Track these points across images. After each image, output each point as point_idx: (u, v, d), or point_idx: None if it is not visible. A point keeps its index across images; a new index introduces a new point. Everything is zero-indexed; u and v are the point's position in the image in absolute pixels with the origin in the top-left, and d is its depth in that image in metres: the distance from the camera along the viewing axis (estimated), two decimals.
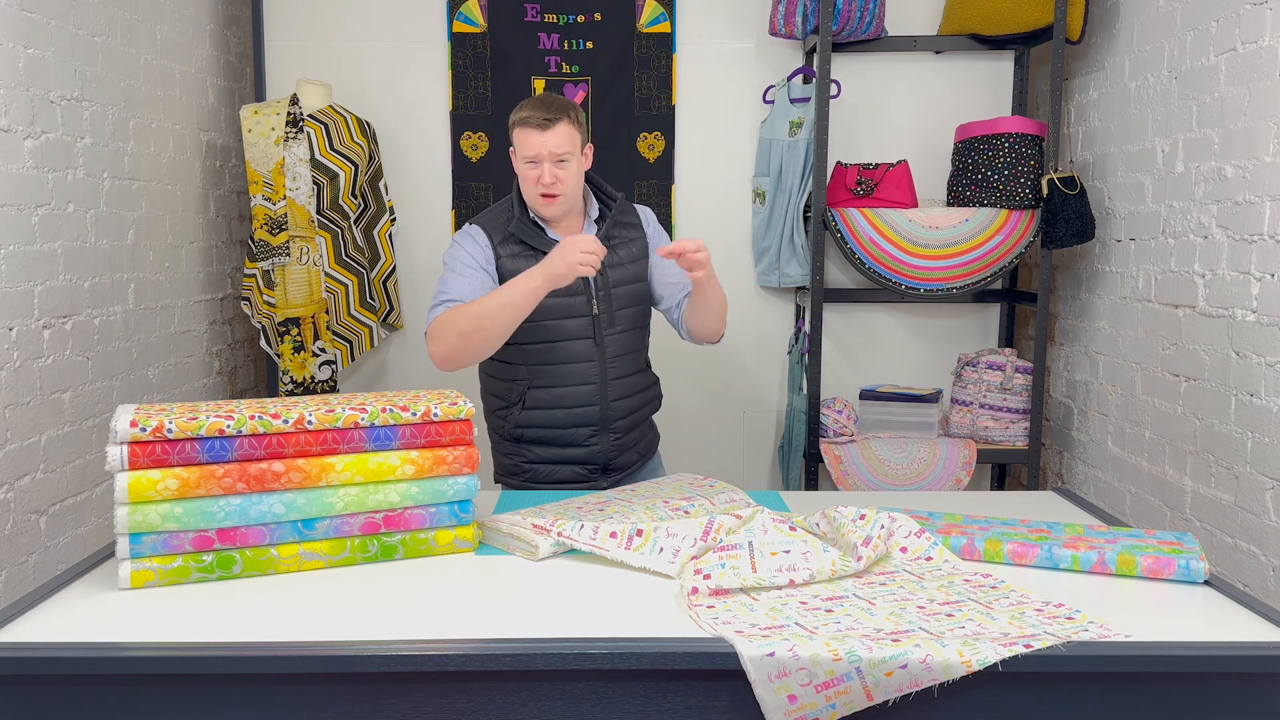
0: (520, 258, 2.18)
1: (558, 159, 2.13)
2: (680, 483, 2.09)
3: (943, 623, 1.38)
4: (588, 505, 1.90)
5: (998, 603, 1.46)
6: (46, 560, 2.38)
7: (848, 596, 1.49)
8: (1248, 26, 2.34)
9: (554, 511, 1.84)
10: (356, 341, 3.36)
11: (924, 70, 3.40)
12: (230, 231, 3.46)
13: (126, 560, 1.51)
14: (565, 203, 2.18)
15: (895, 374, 3.49)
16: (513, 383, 2.26)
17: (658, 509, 1.85)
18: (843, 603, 1.46)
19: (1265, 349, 2.26)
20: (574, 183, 2.17)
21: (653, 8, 3.43)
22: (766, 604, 1.45)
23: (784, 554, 1.57)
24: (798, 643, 1.30)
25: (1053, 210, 2.97)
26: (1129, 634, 1.34)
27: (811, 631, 1.34)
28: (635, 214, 2.34)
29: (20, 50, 2.29)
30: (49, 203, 2.39)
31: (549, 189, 2.14)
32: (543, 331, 2.19)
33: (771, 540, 1.61)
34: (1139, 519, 2.79)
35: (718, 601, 1.46)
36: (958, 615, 1.41)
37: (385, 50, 3.45)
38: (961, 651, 1.28)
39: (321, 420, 1.58)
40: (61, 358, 2.44)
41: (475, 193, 3.50)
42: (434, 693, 1.31)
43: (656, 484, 2.10)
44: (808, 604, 1.45)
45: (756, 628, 1.35)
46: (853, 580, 1.56)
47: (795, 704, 1.28)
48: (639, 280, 2.29)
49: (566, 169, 2.14)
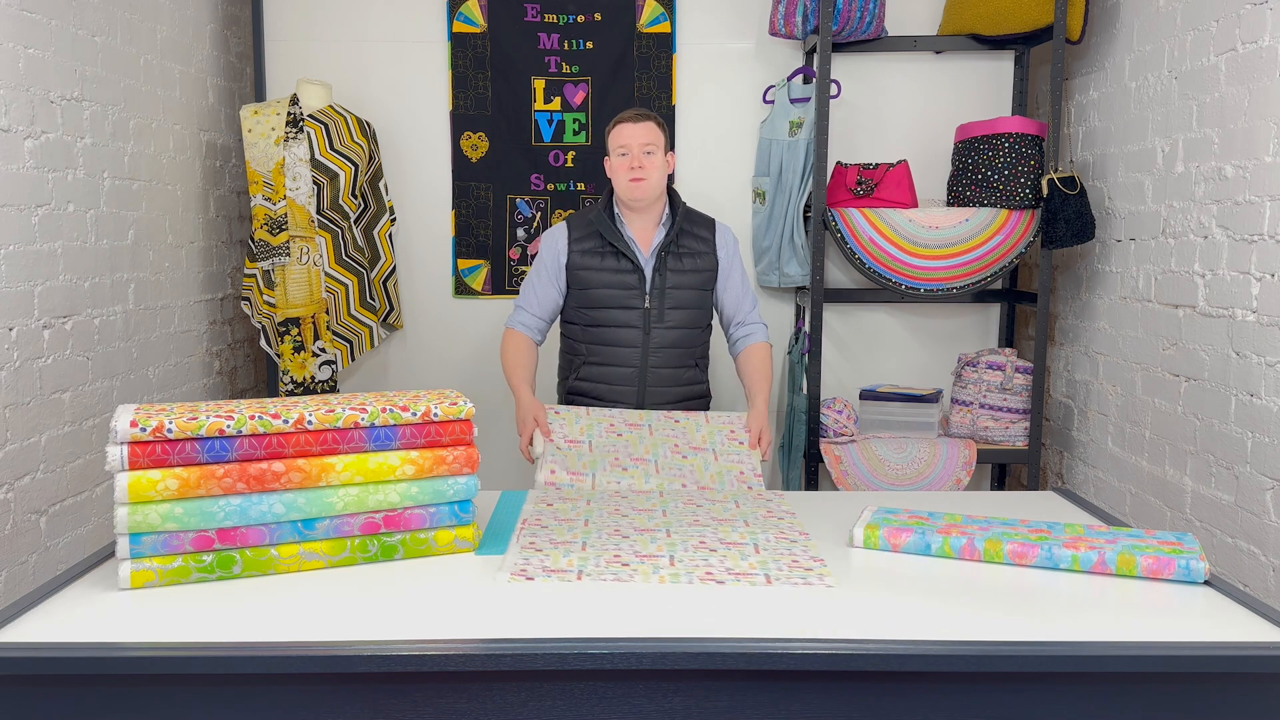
0: (592, 254, 2.57)
1: (645, 148, 2.50)
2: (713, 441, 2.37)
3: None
4: (616, 429, 2.35)
5: (764, 544, 1.72)
6: (46, 560, 2.38)
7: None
8: (1248, 26, 2.34)
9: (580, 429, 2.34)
10: (356, 341, 3.36)
11: (924, 70, 3.40)
12: (230, 231, 3.46)
13: (126, 560, 1.51)
14: (649, 188, 2.53)
15: (895, 374, 3.49)
16: (573, 354, 2.67)
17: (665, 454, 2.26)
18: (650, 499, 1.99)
19: (1265, 349, 2.26)
20: (657, 174, 2.53)
21: (653, 8, 3.43)
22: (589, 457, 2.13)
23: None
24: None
25: (1053, 210, 2.97)
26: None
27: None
28: (710, 229, 2.66)
29: (20, 50, 2.29)
30: (49, 203, 2.39)
31: (636, 172, 2.50)
32: (601, 315, 2.58)
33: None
34: (1139, 519, 2.79)
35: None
36: (688, 459, 2.10)
37: (385, 50, 3.45)
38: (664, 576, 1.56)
39: (321, 420, 1.58)
40: (61, 358, 2.44)
41: (475, 193, 3.50)
42: (434, 693, 1.31)
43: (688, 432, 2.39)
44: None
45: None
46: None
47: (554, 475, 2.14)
48: (697, 289, 2.61)
49: (652, 160, 2.51)
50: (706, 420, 2.41)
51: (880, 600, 1.48)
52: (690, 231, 2.61)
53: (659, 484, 2.17)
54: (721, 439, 2.34)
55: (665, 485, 2.17)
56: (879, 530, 1.72)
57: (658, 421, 2.38)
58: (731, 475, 2.25)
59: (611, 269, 2.56)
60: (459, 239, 3.51)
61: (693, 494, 2.08)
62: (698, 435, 2.34)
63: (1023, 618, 1.42)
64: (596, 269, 2.56)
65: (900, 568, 1.64)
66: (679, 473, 2.22)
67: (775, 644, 1.31)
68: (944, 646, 1.32)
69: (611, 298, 2.56)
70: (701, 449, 2.25)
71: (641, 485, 2.17)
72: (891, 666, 1.30)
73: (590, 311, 2.58)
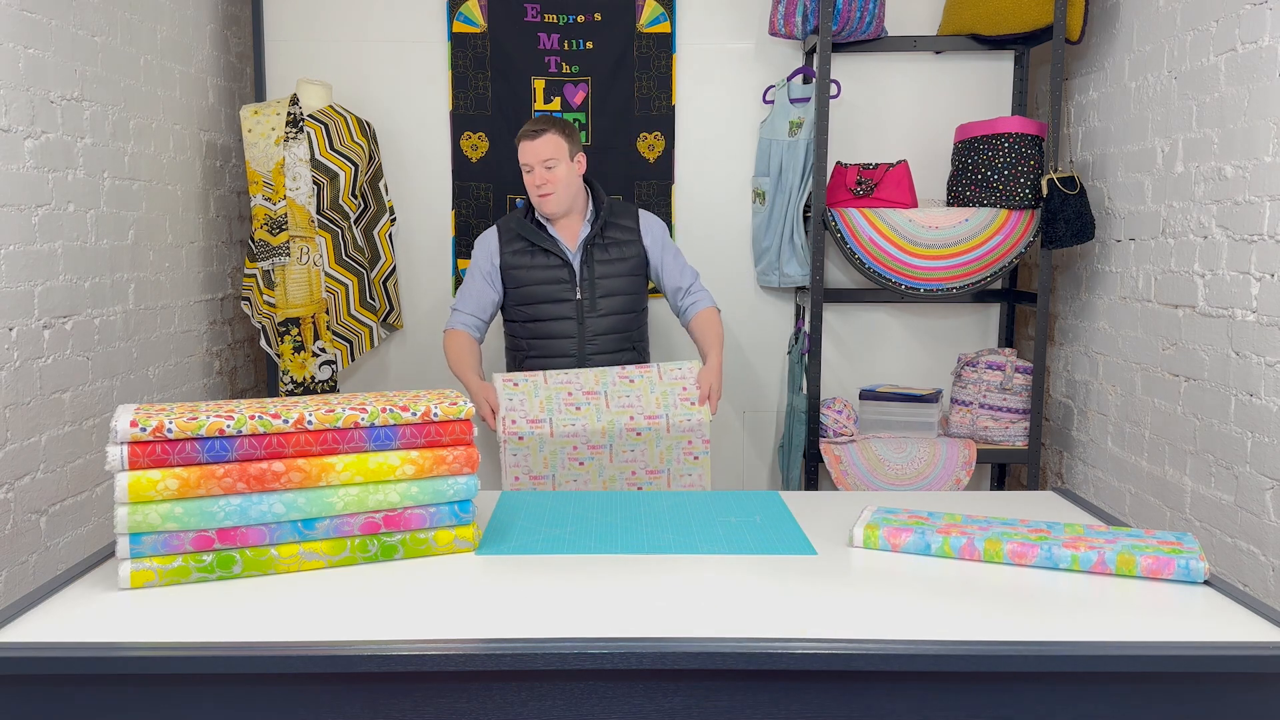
0: (522, 253, 2.74)
1: (545, 162, 2.64)
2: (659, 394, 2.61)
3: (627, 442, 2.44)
4: (571, 389, 2.56)
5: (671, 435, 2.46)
6: (46, 560, 2.38)
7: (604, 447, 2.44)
8: (1248, 26, 2.34)
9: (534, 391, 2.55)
10: (356, 341, 3.36)
11: (924, 70, 3.40)
12: (230, 231, 3.46)
13: (126, 560, 1.51)
14: (558, 201, 2.68)
15: (895, 374, 3.49)
16: (516, 350, 2.83)
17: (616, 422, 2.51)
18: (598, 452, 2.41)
19: (1265, 349, 2.26)
20: (564, 184, 2.66)
21: (653, 8, 3.43)
22: (550, 447, 2.44)
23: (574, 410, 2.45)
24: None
25: (1053, 210, 2.97)
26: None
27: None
28: (634, 219, 2.80)
29: (20, 50, 2.29)
30: (49, 203, 2.39)
31: (541, 188, 2.66)
32: (537, 310, 2.74)
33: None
34: (1139, 519, 2.79)
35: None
36: (642, 436, 2.44)
37: (385, 50, 3.45)
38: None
39: (321, 420, 1.58)
40: (61, 358, 2.44)
41: (475, 193, 3.50)
42: (434, 693, 1.31)
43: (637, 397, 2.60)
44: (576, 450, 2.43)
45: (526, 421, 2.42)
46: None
47: (514, 425, 2.45)
48: (627, 276, 2.77)
49: (554, 172, 2.64)
50: (660, 377, 2.56)
51: (880, 600, 1.48)
52: (614, 223, 2.77)
53: (610, 474, 2.50)
54: (674, 399, 2.54)
55: (616, 476, 2.50)
56: (879, 530, 1.72)
57: (613, 386, 2.54)
58: (679, 448, 2.51)
59: (542, 266, 2.73)
60: (459, 239, 3.51)
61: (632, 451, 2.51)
62: (652, 398, 2.53)
63: (1023, 618, 1.42)
64: (528, 267, 2.73)
65: (900, 568, 1.64)
66: (631, 458, 2.51)
67: (775, 644, 1.31)
68: (944, 646, 1.32)
69: (545, 293, 2.73)
70: (655, 416, 2.50)
71: (595, 479, 2.50)
72: (891, 666, 1.30)
73: (527, 308, 2.74)
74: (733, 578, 1.57)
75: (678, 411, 2.52)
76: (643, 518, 1.90)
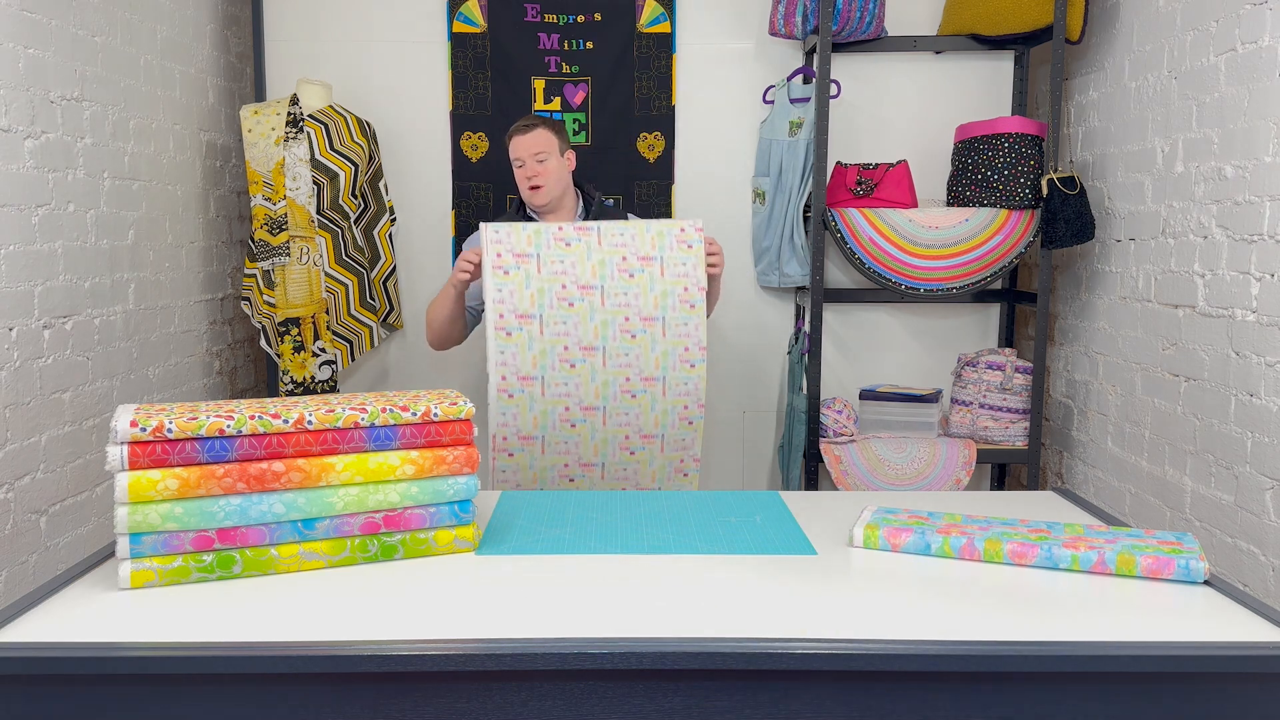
0: None
1: (536, 155, 2.67)
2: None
3: (621, 404, 2.34)
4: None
5: (666, 400, 2.35)
6: (46, 560, 2.38)
7: (603, 342, 2.34)
8: (1248, 26, 2.34)
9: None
10: (356, 341, 3.36)
11: (924, 70, 3.40)
12: (230, 231, 3.46)
13: (126, 560, 1.51)
14: (548, 194, 2.70)
15: (895, 374, 3.49)
16: None
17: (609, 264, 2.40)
18: (591, 353, 2.32)
19: (1265, 349, 2.26)
20: (554, 178, 2.69)
21: (653, 8, 3.43)
22: (540, 345, 2.32)
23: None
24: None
25: (1053, 210, 2.97)
26: None
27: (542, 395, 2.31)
28: (622, 218, 2.74)
29: (20, 50, 2.29)
30: (49, 203, 2.39)
31: (532, 180, 2.68)
32: None
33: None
34: (1139, 519, 2.79)
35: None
36: (637, 397, 2.34)
37: (385, 50, 3.45)
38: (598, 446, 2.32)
39: (321, 420, 1.58)
40: (61, 358, 2.44)
41: (475, 193, 3.50)
42: (434, 693, 1.31)
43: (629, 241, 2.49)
44: (566, 350, 2.33)
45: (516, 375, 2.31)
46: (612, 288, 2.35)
47: (502, 320, 2.34)
48: None
49: (545, 166, 2.68)
50: (662, 274, 2.44)
51: (880, 600, 1.48)
52: (600, 219, 2.75)
53: (604, 380, 2.38)
54: (671, 241, 2.42)
55: (610, 380, 2.38)
56: (879, 530, 1.72)
57: (606, 229, 2.42)
58: (675, 294, 2.39)
59: None
60: (459, 239, 3.51)
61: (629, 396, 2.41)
62: (646, 239, 2.42)
63: (1023, 618, 1.42)
64: None
65: (900, 568, 1.64)
66: (625, 360, 2.39)
67: (775, 644, 1.31)
68: (944, 646, 1.32)
69: None
70: (650, 258, 2.39)
71: (588, 382, 2.37)
72: (891, 666, 1.30)
73: None
74: (733, 578, 1.57)
75: (673, 256, 2.40)
76: (643, 518, 1.90)
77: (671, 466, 2.46)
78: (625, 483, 2.46)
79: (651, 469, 2.45)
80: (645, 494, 2.10)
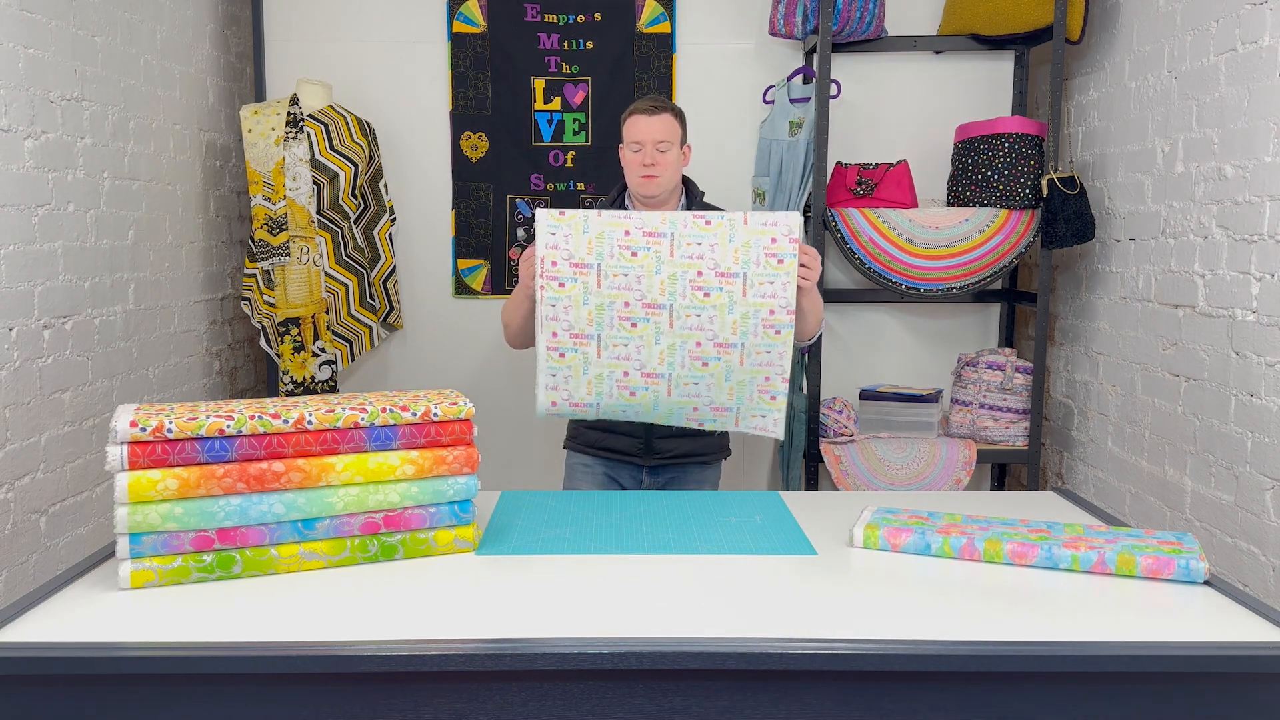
0: None
1: (659, 144, 2.38)
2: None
3: (689, 373, 2.03)
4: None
5: (745, 368, 2.04)
6: (46, 560, 2.38)
7: (663, 307, 2.03)
8: (1248, 26, 2.34)
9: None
10: (356, 341, 3.36)
11: (924, 70, 3.40)
12: (230, 231, 3.46)
13: (126, 560, 1.51)
14: (662, 185, 2.41)
15: (895, 374, 3.49)
16: None
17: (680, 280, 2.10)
18: (655, 381, 2.04)
19: (1265, 349, 2.26)
20: (672, 169, 2.41)
21: (653, 8, 3.43)
22: (596, 299, 2.04)
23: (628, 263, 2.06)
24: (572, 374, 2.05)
25: (1053, 210, 2.97)
26: None
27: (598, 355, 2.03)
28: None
29: (20, 50, 2.29)
30: (49, 203, 2.39)
31: (650, 168, 2.38)
32: None
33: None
34: (1139, 519, 2.79)
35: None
36: (709, 366, 2.02)
37: (385, 50, 3.45)
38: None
39: (321, 420, 1.58)
40: (61, 358, 2.44)
41: (475, 193, 3.50)
42: (434, 693, 1.31)
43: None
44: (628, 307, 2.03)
45: (569, 332, 2.04)
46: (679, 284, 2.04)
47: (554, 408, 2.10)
48: None
49: (667, 156, 2.39)
50: (745, 221, 2.10)
51: (880, 600, 1.48)
52: None
53: (669, 343, 2.05)
54: (758, 253, 2.06)
55: (676, 344, 2.05)
56: (879, 530, 1.72)
57: (682, 229, 2.08)
58: (759, 317, 2.04)
59: None
60: (459, 239, 3.51)
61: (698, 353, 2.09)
62: (730, 250, 2.07)
63: (1023, 618, 1.42)
64: None
65: (900, 568, 1.64)
66: (694, 390, 2.08)
67: (775, 644, 1.31)
68: (944, 646, 1.32)
69: None
70: (730, 275, 2.04)
71: (651, 345, 2.05)
72: (891, 666, 1.30)
73: None
74: (733, 578, 1.57)
75: (760, 272, 2.05)
76: (643, 518, 1.90)
77: (755, 384, 2.11)
78: (697, 400, 2.13)
79: (728, 384, 2.10)
80: (645, 494, 2.10)
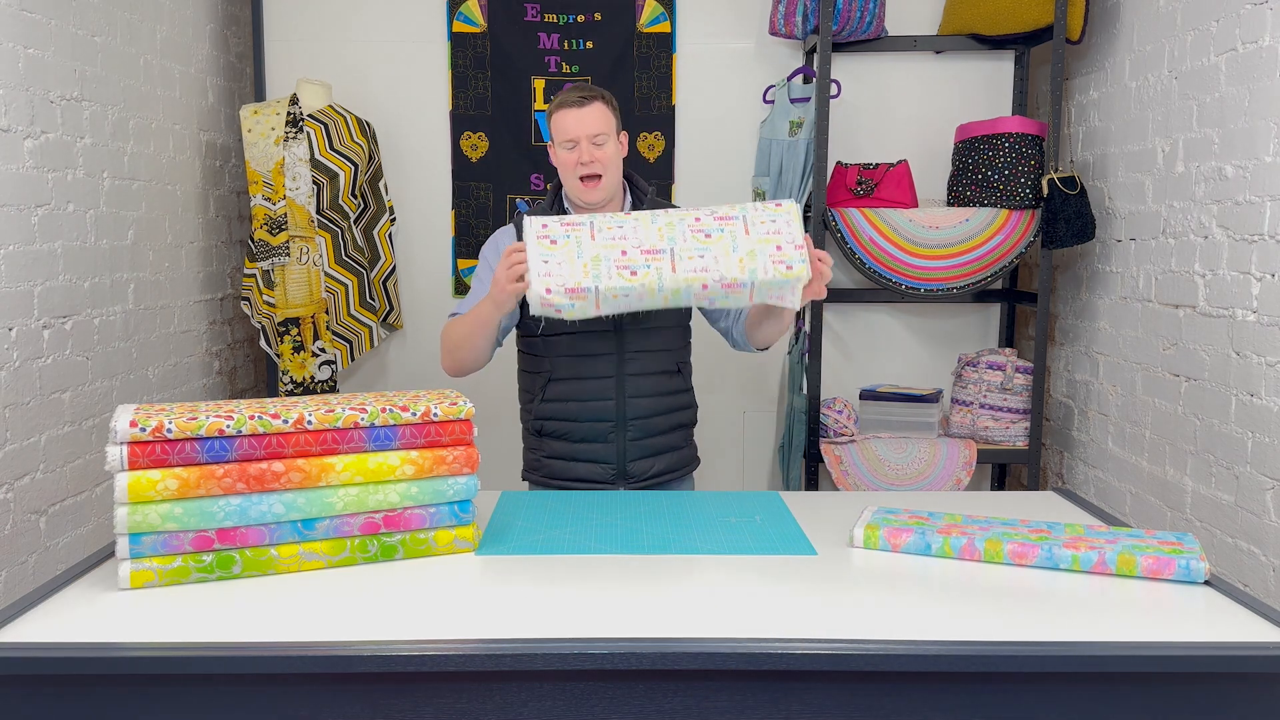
0: None
1: (594, 137, 2.11)
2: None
3: (692, 245, 1.83)
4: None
5: (751, 237, 1.85)
6: (46, 560, 2.38)
7: (663, 251, 1.83)
8: (1248, 26, 2.34)
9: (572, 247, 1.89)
10: (356, 341, 3.36)
11: (924, 70, 3.40)
12: (230, 231, 3.46)
13: (126, 560, 1.51)
14: (607, 188, 2.14)
15: (895, 374, 3.49)
16: (537, 374, 2.27)
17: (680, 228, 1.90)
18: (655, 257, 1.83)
19: (1265, 349, 2.26)
20: (612, 165, 2.14)
21: (653, 8, 3.43)
22: (591, 251, 1.83)
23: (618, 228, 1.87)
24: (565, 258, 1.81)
25: (1053, 210, 2.97)
26: None
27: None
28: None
29: (20, 50, 2.29)
30: (49, 203, 2.39)
31: (588, 168, 2.11)
32: (566, 324, 2.11)
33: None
34: (1139, 519, 2.79)
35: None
36: (713, 238, 1.85)
37: (385, 50, 3.45)
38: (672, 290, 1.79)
39: (321, 420, 1.58)
40: (61, 358, 2.44)
41: (475, 193, 3.50)
42: (434, 693, 1.31)
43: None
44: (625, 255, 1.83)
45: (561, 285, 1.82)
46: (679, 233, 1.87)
47: (549, 295, 1.80)
48: None
49: (604, 149, 2.12)
50: (747, 232, 1.89)
51: (880, 600, 1.48)
52: None
53: (674, 285, 1.85)
54: (753, 207, 1.94)
55: (674, 220, 1.88)
56: (879, 530, 1.72)
57: (681, 243, 1.87)
58: (765, 253, 1.86)
59: None
60: (459, 239, 3.51)
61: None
62: (722, 209, 1.93)
63: (1023, 618, 1.42)
64: None
65: (900, 568, 1.64)
66: (699, 264, 1.85)
67: (775, 644, 1.31)
68: (944, 646, 1.32)
69: None
70: (729, 218, 1.90)
71: (654, 287, 1.84)
72: (891, 666, 1.30)
73: (555, 321, 2.05)
74: (733, 578, 1.57)
75: (762, 221, 1.90)
76: (643, 518, 1.90)
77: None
78: (705, 275, 1.87)
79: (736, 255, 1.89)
80: (645, 494, 2.10)
